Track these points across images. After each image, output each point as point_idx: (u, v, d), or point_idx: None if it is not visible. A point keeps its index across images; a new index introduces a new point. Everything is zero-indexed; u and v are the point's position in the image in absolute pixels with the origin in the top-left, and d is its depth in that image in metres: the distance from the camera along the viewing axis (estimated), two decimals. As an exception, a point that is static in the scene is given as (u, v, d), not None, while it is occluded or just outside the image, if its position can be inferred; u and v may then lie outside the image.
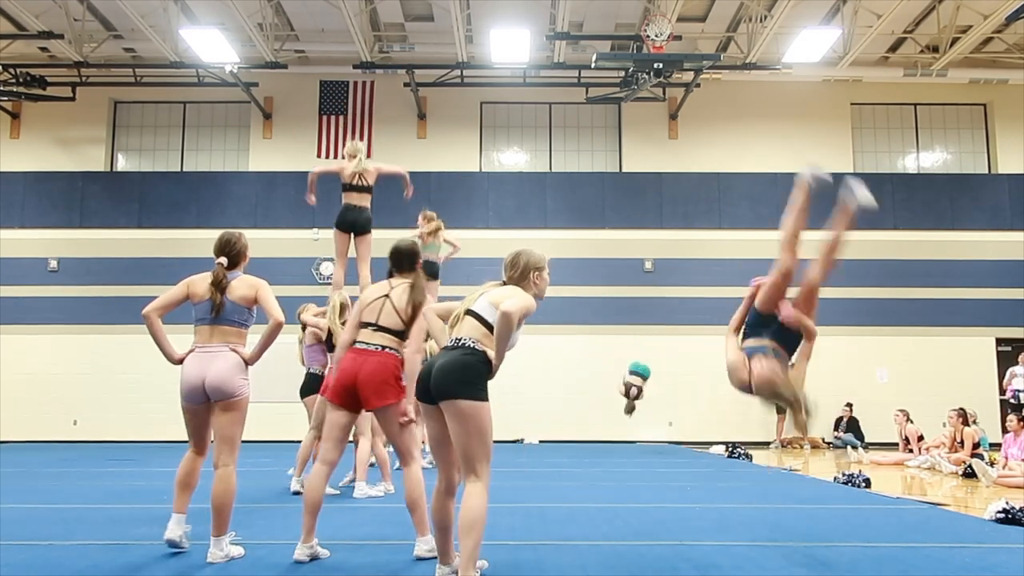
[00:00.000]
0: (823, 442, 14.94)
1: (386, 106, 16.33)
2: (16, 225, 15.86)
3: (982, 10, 13.40)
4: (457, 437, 3.51)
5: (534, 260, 3.80)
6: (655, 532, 5.17)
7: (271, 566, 4.08)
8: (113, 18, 14.60)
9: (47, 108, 16.05)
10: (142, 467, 9.92)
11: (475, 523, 3.39)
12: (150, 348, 4.62)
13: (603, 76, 15.34)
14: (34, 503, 6.42)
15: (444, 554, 3.73)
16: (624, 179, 16.28)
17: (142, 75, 15.68)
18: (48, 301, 15.49)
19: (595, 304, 15.47)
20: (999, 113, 16.42)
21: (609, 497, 6.64)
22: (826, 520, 5.79)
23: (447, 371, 3.53)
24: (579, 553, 4.46)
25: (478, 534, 3.40)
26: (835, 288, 15.65)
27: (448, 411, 3.53)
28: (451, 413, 3.51)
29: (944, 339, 15.56)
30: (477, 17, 14.26)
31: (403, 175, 7.63)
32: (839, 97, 16.51)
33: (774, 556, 4.40)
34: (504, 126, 16.87)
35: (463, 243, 9.83)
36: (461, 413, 3.48)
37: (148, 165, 16.69)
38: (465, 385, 3.49)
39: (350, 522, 5.43)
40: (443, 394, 3.52)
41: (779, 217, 4.74)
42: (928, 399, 14.47)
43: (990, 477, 8.69)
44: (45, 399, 15.14)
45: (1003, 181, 16.23)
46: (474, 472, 3.48)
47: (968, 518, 6.05)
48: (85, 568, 4.01)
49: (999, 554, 4.56)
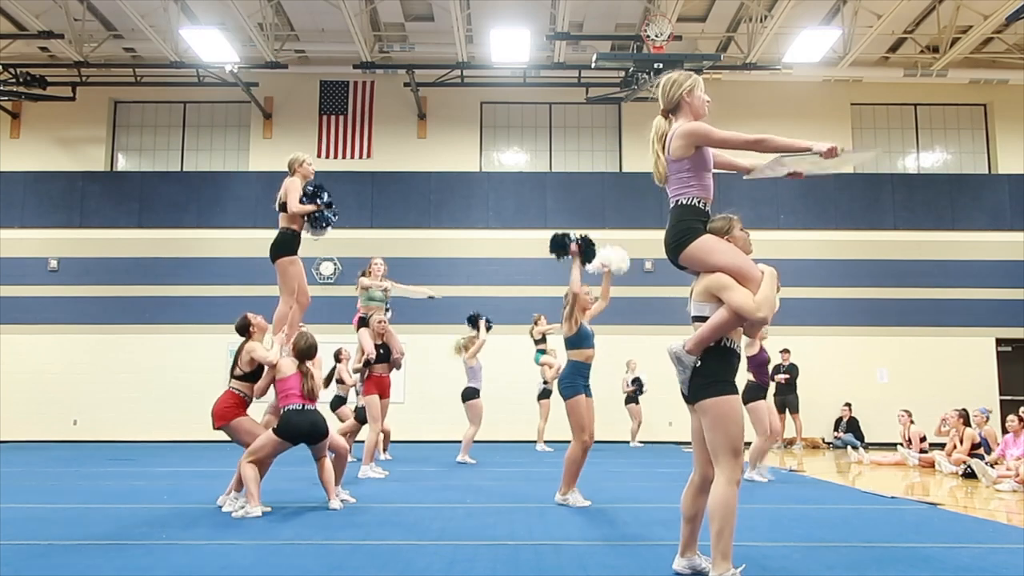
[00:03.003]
0: (823, 442, 14.94)
1: (386, 106, 16.33)
2: (16, 225, 15.86)
3: (982, 10, 13.40)
4: (704, 433, 3.64)
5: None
6: (655, 532, 5.18)
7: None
8: (113, 18, 14.60)
9: (47, 108, 16.05)
10: (142, 467, 9.92)
11: (714, 512, 3.47)
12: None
13: (603, 76, 15.34)
14: (34, 503, 6.42)
15: (685, 545, 3.86)
16: (624, 179, 16.28)
17: (142, 75, 15.68)
18: (48, 301, 15.48)
19: (595, 304, 15.44)
20: (999, 113, 16.42)
21: (609, 497, 6.64)
22: (826, 520, 5.79)
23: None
24: (579, 553, 4.46)
25: (719, 525, 3.45)
26: (835, 288, 15.73)
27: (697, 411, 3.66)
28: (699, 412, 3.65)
29: (944, 339, 15.56)
30: (477, 17, 14.26)
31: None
32: (839, 97, 16.52)
33: (774, 556, 4.40)
34: (504, 126, 16.87)
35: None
36: (700, 409, 3.61)
37: (148, 165, 16.68)
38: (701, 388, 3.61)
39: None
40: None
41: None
42: (928, 399, 14.46)
43: (990, 477, 8.69)
44: (45, 399, 15.13)
45: (1003, 181, 16.23)
46: (717, 465, 3.55)
47: (968, 518, 6.05)
48: (85, 568, 4.01)
49: (999, 554, 4.56)
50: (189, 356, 15.16)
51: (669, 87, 3.85)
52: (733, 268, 3.61)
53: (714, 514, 3.46)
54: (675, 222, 3.74)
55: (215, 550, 4.48)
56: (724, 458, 3.50)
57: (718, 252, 3.65)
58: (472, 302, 15.74)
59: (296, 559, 4.28)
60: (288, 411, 5.85)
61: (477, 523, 5.48)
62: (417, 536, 4.97)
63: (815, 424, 14.92)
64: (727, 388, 3.56)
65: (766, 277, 3.65)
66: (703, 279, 3.69)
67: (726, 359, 3.62)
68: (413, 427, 14.56)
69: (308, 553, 4.43)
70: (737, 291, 3.55)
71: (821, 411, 15.03)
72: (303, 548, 4.57)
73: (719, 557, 3.45)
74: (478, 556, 4.35)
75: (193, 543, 4.56)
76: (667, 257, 3.84)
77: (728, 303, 3.55)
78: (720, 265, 3.62)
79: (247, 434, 5.97)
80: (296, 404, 5.85)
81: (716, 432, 3.52)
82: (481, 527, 5.31)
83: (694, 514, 3.82)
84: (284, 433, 5.79)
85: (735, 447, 3.51)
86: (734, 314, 3.55)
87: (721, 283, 3.59)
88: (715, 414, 3.52)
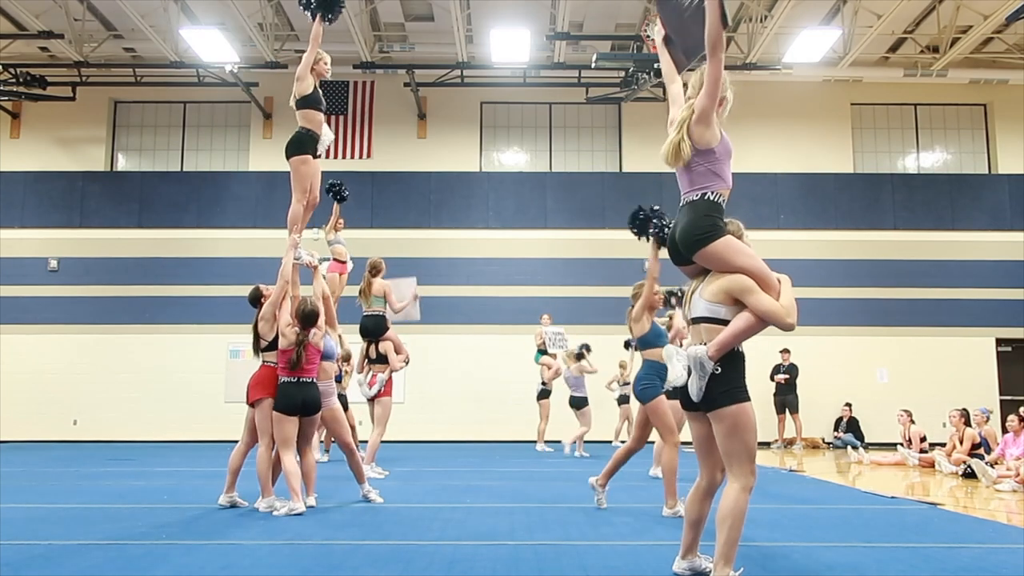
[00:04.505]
0: (823, 442, 14.94)
1: (386, 106, 16.33)
2: (16, 225, 15.86)
3: (982, 10, 13.40)
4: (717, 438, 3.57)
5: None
6: (655, 532, 5.18)
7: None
8: (113, 18, 14.60)
9: (47, 108, 16.05)
10: (142, 467, 9.92)
11: (724, 518, 3.42)
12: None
13: (603, 76, 15.34)
14: (34, 503, 6.43)
15: (687, 548, 3.84)
16: (624, 179, 16.28)
17: (142, 75, 15.68)
18: (48, 301, 15.48)
19: (595, 304, 15.45)
20: (999, 113, 16.42)
21: (609, 497, 6.63)
22: (826, 520, 5.79)
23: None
24: (579, 553, 4.46)
25: (728, 531, 3.41)
26: (835, 288, 15.72)
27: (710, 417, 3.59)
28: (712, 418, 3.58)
29: (944, 339, 15.56)
30: (477, 17, 14.26)
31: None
32: (839, 97, 16.51)
33: (774, 556, 4.40)
34: (504, 126, 16.87)
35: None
36: (716, 417, 3.52)
37: (148, 165, 16.68)
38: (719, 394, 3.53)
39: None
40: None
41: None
42: (928, 399, 14.47)
43: (990, 477, 8.69)
44: (45, 399, 15.13)
45: (1003, 181, 16.23)
46: (731, 472, 3.51)
47: (968, 518, 6.06)
48: (85, 568, 4.01)
49: (999, 554, 4.56)
50: (189, 356, 15.17)
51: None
52: (756, 271, 3.55)
53: (724, 520, 3.43)
54: (700, 216, 3.65)
55: (215, 550, 4.48)
56: (740, 466, 3.46)
57: (744, 254, 3.58)
58: (472, 302, 15.81)
59: (296, 559, 4.28)
60: (283, 383, 5.90)
61: (477, 523, 5.48)
62: (417, 536, 4.98)
63: (815, 424, 14.92)
64: (744, 395, 3.50)
65: (785, 284, 3.61)
66: (718, 280, 3.60)
67: (740, 364, 3.56)
68: (413, 427, 14.56)
69: (308, 553, 4.43)
70: (764, 296, 3.49)
71: (821, 411, 15.03)
72: (303, 548, 4.57)
73: (721, 561, 3.44)
74: (478, 556, 4.35)
75: (193, 543, 4.56)
76: (678, 250, 3.72)
77: (754, 307, 3.48)
78: (743, 267, 3.56)
79: (267, 419, 5.97)
80: (290, 377, 5.89)
81: (733, 440, 3.46)
82: (481, 527, 5.31)
83: (699, 518, 3.80)
84: (281, 406, 5.85)
85: (751, 454, 3.48)
86: (759, 320, 3.48)
87: (745, 286, 3.51)
88: (733, 422, 3.45)
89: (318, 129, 6.42)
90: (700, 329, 3.63)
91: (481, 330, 15.38)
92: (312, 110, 6.35)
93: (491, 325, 15.33)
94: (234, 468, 6.10)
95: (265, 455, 5.94)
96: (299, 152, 6.35)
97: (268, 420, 5.92)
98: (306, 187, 6.39)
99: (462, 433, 15.09)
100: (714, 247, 3.59)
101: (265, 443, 5.96)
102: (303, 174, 6.38)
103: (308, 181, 6.40)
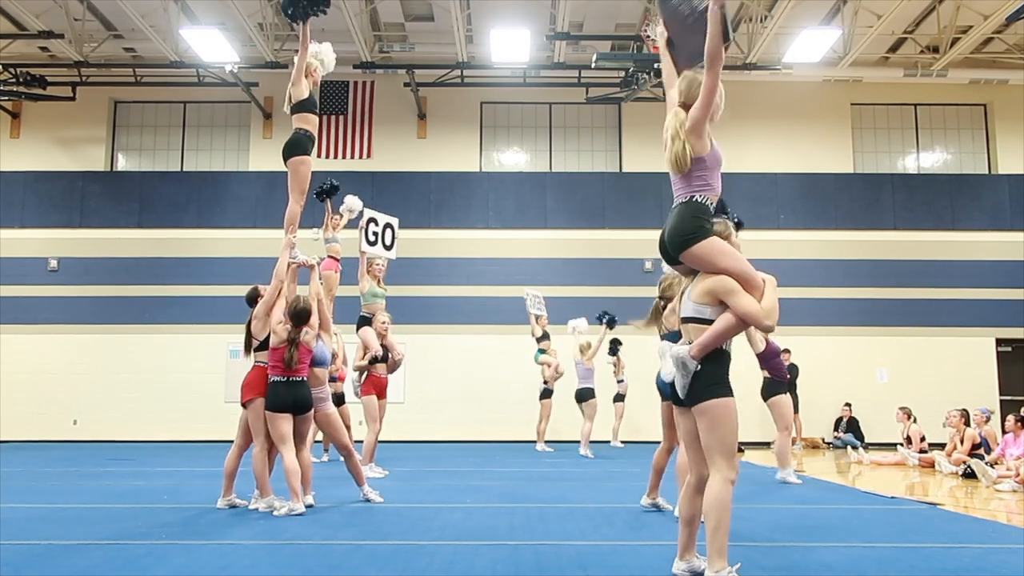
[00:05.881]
0: (823, 442, 14.94)
1: (386, 106, 16.33)
2: (16, 225, 15.86)
3: (982, 10, 13.40)
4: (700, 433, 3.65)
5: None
6: (655, 532, 5.18)
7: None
8: (113, 18, 14.60)
9: (47, 108, 16.05)
10: (142, 467, 9.92)
11: (710, 510, 3.50)
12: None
13: (603, 76, 15.34)
14: (34, 503, 6.43)
15: (684, 548, 3.86)
16: (624, 179, 16.28)
17: (142, 75, 15.68)
18: (48, 301, 15.48)
19: (595, 304, 15.42)
20: (999, 113, 16.42)
21: (609, 497, 6.64)
22: (826, 520, 5.79)
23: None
24: (578, 553, 4.46)
25: (715, 522, 3.48)
26: (835, 288, 15.73)
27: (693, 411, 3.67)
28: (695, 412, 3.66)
29: (944, 339, 15.56)
30: (477, 17, 14.26)
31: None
32: (839, 97, 16.51)
33: (774, 556, 4.40)
34: (504, 126, 16.87)
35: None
36: (699, 411, 3.60)
37: (148, 165, 16.69)
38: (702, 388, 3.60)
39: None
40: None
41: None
42: (928, 399, 14.46)
43: (990, 477, 8.69)
44: (45, 399, 15.13)
45: (1003, 181, 16.23)
46: (712, 464, 3.58)
47: (968, 518, 6.06)
48: (85, 568, 4.01)
49: (999, 554, 4.56)
50: (189, 356, 15.17)
51: (696, 87, 3.80)
52: (739, 272, 3.62)
53: (709, 512, 3.50)
54: (687, 218, 3.73)
55: (215, 550, 4.48)
56: (720, 458, 3.54)
57: (727, 255, 3.66)
58: (472, 302, 15.82)
59: (296, 559, 4.28)
60: (273, 383, 5.88)
61: (477, 523, 5.48)
62: (417, 536, 4.98)
63: (815, 424, 14.93)
64: (725, 390, 3.59)
65: (769, 285, 3.67)
66: (704, 281, 3.68)
67: (723, 361, 3.65)
68: (413, 427, 14.57)
69: (308, 553, 4.43)
70: (745, 297, 3.57)
71: (821, 411, 15.04)
72: (303, 548, 4.57)
73: (715, 555, 3.48)
74: (478, 556, 4.35)
75: (193, 543, 4.56)
76: (666, 250, 3.82)
77: (734, 308, 3.56)
78: (726, 268, 3.63)
79: (260, 419, 5.94)
80: (280, 376, 5.87)
81: (713, 433, 3.55)
82: (481, 527, 5.31)
83: (692, 516, 3.84)
84: (272, 405, 5.83)
85: (731, 448, 3.57)
86: (740, 321, 3.57)
87: (728, 287, 3.59)
88: (713, 415, 3.55)
89: (314, 129, 6.48)
90: (688, 329, 3.72)
91: (481, 330, 15.38)
92: (307, 114, 6.41)
93: (491, 325, 15.33)
94: (230, 471, 6.09)
95: (260, 455, 5.93)
96: (297, 153, 6.38)
97: (261, 420, 5.91)
98: (305, 188, 6.45)
99: (462, 433, 15.09)
100: (699, 248, 3.67)
101: (259, 443, 5.96)
102: (302, 175, 6.42)
103: (307, 182, 6.48)
